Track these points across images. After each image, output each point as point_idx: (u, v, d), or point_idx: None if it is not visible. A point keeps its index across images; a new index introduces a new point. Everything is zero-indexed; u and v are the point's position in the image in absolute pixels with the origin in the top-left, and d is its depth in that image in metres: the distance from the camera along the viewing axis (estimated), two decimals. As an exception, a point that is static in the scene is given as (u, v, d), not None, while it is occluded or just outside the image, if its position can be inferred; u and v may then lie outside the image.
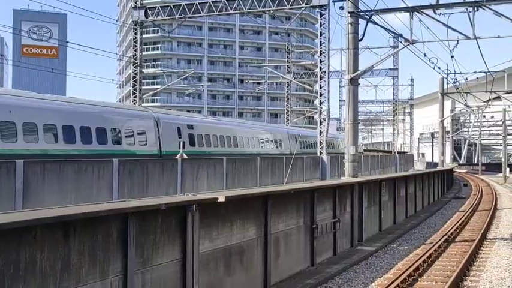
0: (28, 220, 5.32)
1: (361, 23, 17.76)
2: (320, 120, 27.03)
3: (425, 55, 21.29)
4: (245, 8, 26.96)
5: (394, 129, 58.48)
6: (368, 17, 17.67)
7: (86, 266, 6.07)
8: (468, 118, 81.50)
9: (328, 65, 26.91)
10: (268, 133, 34.90)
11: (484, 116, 73.01)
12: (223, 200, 8.08)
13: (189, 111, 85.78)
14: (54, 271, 5.67)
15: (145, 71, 41.37)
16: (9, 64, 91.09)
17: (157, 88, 53.84)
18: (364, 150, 64.99)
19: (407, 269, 11.60)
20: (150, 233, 7.11)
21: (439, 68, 32.49)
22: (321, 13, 26.60)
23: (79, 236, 5.99)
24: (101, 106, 20.90)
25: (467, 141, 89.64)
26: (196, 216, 7.80)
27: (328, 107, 27.22)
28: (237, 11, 27.79)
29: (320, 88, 27.06)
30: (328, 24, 26.43)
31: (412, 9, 17.85)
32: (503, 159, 58.17)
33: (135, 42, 29.85)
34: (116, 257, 6.50)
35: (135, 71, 29.86)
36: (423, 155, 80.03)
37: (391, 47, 41.85)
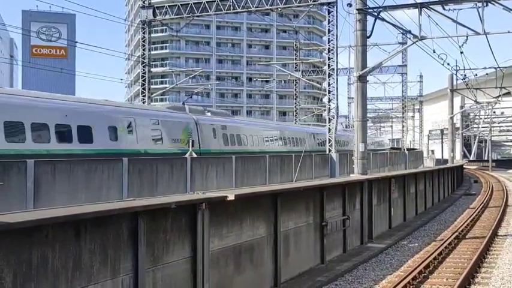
0: (40, 219, 5.36)
1: (369, 19, 17.71)
2: (329, 118, 26.98)
3: (434, 51, 21.22)
4: (253, 6, 26.95)
5: (403, 126, 58.25)
6: (376, 14, 17.62)
7: (97, 264, 6.11)
8: (478, 114, 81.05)
9: (337, 63, 26.85)
10: (293, 132, 36.10)
11: (494, 112, 72.58)
12: (233, 198, 8.09)
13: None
14: (66, 270, 5.71)
15: (153, 70, 41.45)
16: (19, 65, 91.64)
17: (166, 87, 54.02)
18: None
19: (417, 266, 11.56)
20: (160, 232, 7.14)
21: (448, 64, 32.25)
22: (328, 10, 26.53)
23: (90, 235, 6.03)
24: (155, 111, 23.20)
25: (477, 137, 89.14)
26: (206, 215, 7.82)
27: (337, 104, 27.16)
28: (244, 9, 27.79)
29: (328, 86, 26.99)
30: (336, 22, 26.37)
31: (420, 6, 17.76)
32: (513, 156, 57.71)
33: (143, 41, 29.94)
34: (127, 255, 6.54)
35: (143, 70, 29.95)
36: (433, 151, 79.66)
37: (399, 43, 41.66)
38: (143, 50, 29.93)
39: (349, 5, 19.83)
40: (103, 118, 18.08)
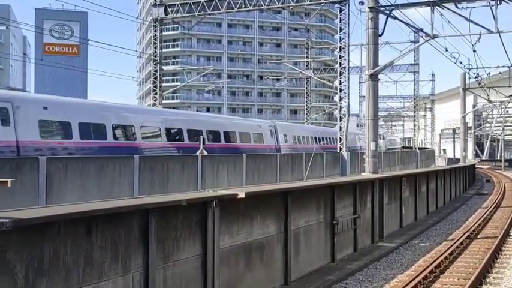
0: (52, 216, 5.40)
1: (381, 18, 17.62)
2: (340, 116, 26.92)
3: (446, 50, 21.13)
4: (264, 4, 26.94)
5: (414, 125, 57.94)
6: (388, 12, 17.53)
7: (108, 261, 6.14)
8: (490, 113, 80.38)
9: (348, 61, 26.79)
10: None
11: (507, 111, 71.96)
12: (243, 196, 8.09)
13: (208, 108, 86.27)
14: (77, 266, 5.75)
15: (165, 68, 41.58)
16: (32, 62, 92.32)
17: (177, 85, 54.22)
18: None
19: (428, 266, 11.50)
20: (171, 229, 7.17)
21: (460, 62, 32.07)
22: (340, 8, 26.47)
23: (101, 231, 6.06)
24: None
25: (489, 136, 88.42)
26: (217, 212, 7.83)
27: (348, 103, 27.10)
28: (256, 8, 27.80)
29: (340, 84, 26.94)
30: (348, 20, 26.30)
31: (433, 4, 17.65)
32: (526, 155, 57.19)
33: (155, 39, 30.03)
34: (138, 252, 6.57)
35: (155, 68, 30.06)
36: (444, 151, 79.21)
37: (411, 42, 41.47)
38: (155, 48, 30.02)
39: (361, 3, 19.73)
40: None
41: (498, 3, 17.24)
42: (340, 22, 26.76)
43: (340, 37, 26.82)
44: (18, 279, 5.11)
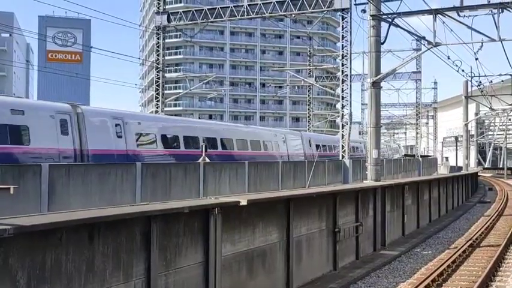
0: (54, 222, 5.40)
1: (384, 25, 17.65)
2: (342, 124, 26.92)
3: (448, 58, 21.09)
4: (267, 12, 27.01)
5: (417, 133, 57.92)
6: (390, 20, 17.56)
7: (110, 268, 6.14)
8: (493, 121, 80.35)
9: (350, 69, 26.80)
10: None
11: (510, 119, 71.88)
12: (245, 203, 8.09)
13: (211, 115, 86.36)
14: (79, 273, 5.74)
15: (167, 75, 41.60)
16: (35, 70, 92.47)
17: (180, 92, 54.24)
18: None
19: (431, 274, 11.46)
20: (173, 236, 7.16)
21: (463, 70, 32.01)
22: (342, 16, 26.53)
23: (103, 238, 6.06)
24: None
25: (492, 144, 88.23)
26: (219, 220, 7.83)
27: (350, 110, 27.09)
28: (258, 15, 27.88)
29: (342, 92, 26.94)
30: (350, 28, 26.34)
31: (435, 12, 17.68)
32: (529, 163, 57.03)
33: (157, 47, 30.12)
34: (140, 259, 6.56)
35: (157, 75, 30.12)
36: (447, 158, 79.07)
37: (413, 49, 41.63)
38: (157, 55, 30.10)
39: (363, 11, 19.75)
40: None
41: (500, 11, 17.27)
42: (342, 30, 26.80)
43: (343, 45, 26.86)
44: (20, 286, 5.11)
